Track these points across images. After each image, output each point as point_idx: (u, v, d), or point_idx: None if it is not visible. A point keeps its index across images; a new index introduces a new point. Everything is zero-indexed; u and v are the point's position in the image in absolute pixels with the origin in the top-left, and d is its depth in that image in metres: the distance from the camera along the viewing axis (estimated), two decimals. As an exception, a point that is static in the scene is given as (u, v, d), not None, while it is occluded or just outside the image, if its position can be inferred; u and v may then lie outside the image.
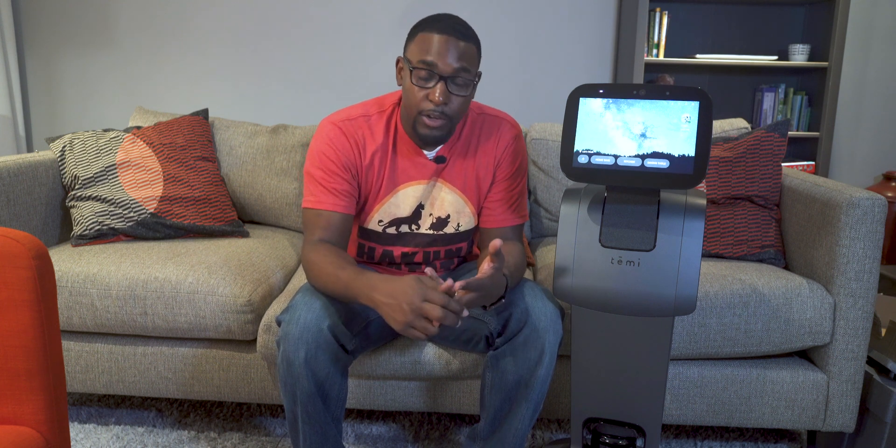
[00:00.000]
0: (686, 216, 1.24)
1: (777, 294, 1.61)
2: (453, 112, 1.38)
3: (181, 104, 3.33)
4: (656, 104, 1.21)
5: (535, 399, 1.38)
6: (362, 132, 1.46)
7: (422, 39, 1.34)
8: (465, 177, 1.51)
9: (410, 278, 1.21)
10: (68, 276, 1.70)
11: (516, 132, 1.53)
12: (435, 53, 1.32)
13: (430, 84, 1.35)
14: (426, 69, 1.33)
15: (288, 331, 1.30)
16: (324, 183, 1.44)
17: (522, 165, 1.54)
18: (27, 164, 1.93)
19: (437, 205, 1.52)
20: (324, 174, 1.44)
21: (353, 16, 3.22)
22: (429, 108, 1.36)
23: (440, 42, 1.32)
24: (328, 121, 1.47)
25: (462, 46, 1.34)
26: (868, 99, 3.30)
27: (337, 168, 1.44)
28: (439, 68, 1.33)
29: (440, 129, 1.39)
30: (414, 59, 1.35)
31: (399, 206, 1.51)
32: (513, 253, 1.45)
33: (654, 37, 3.09)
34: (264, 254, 1.90)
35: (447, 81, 1.34)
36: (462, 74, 1.35)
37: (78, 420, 1.89)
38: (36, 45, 3.28)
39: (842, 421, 1.66)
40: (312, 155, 1.46)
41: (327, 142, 1.45)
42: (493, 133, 1.51)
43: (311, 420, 1.33)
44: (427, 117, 1.37)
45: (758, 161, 1.86)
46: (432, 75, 1.34)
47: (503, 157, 1.51)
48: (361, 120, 1.47)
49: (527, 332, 1.35)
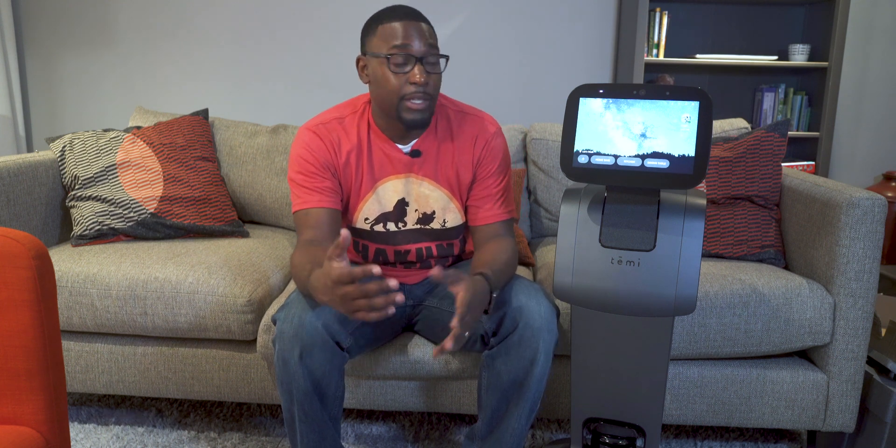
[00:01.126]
0: (686, 216, 1.24)
1: (777, 294, 1.61)
2: (433, 90, 1.42)
3: (181, 104, 3.33)
4: (656, 104, 1.21)
5: (532, 398, 1.38)
6: (336, 134, 1.50)
7: (385, 30, 1.39)
8: (446, 173, 1.53)
9: (318, 271, 1.22)
10: (68, 276, 1.70)
11: (496, 129, 1.55)
12: (404, 38, 1.37)
13: (406, 68, 1.39)
14: (401, 54, 1.37)
15: (283, 329, 1.30)
16: (306, 184, 1.47)
17: (505, 161, 1.56)
18: (27, 164, 1.93)
19: (421, 201, 1.54)
20: (305, 177, 1.48)
21: (353, 16, 3.22)
22: (411, 90, 1.39)
23: (405, 27, 1.38)
24: (304, 127, 1.52)
25: (424, 27, 1.40)
26: (868, 99, 3.30)
27: (316, 169, 1.48)
28: (413, 50, 1.38)
29: (425, 110, 1.42)
30: (383, 49, 1.39)
31: (381, 201, 1.53)
32: (499, 250, 1.45)
33: (654, 37, 3.09)
34: (264, 254, 1.90)
35: (422, 62, 1.39)
36: (433, 52, 1.40)
37: (78, 420, 1.89)
38: (36, 45, 3.28)
39: (842, 421, 1.66)
40: (292, 162, 1.50)
41: (304, 146, 1.49)
42: (472, 131, 1.53)
43: (308, 419, 1.33)
44: (411, 101, 1.40)
45: (758, 161, 1.86)
46: (408, 59, 1.38)
47: (484, 155, 1.53)
48: (335, 122, 1.51)
49: (521, 332, 1.34)
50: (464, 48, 3.25)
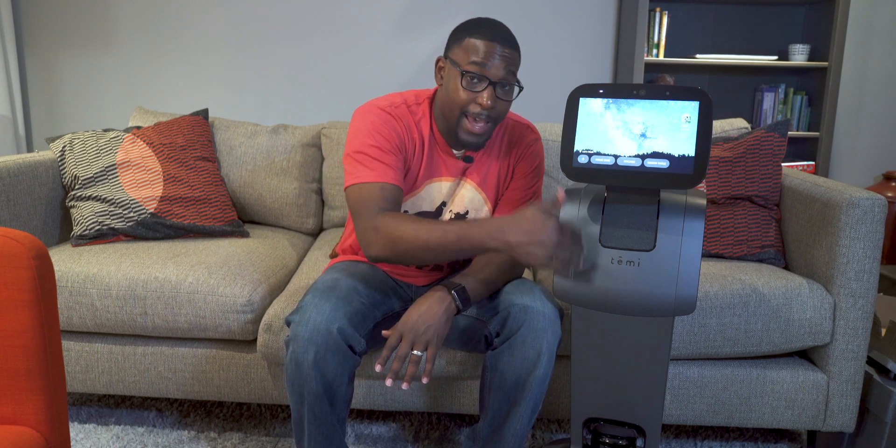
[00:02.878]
0: (686, 216, 1.24)
1: (777, 294, 1.61)
2: (497, 116, 1.41)
3: (181, 104, 3.33)
4: (656, 104, 1.21)
5: (534, 399, 1.38)
6: (409, 119, 1.47)
7: (473, 43, 1.37)
8: (488, 176, 1.54)
9: (534, 211, 1.21)
10: (68, 276, 1.70)
11: (537, 136, 1.57)
12: (486, 58, 1.35)
13: (479, 88, 1.37)
14: (477, 74, 1.36)
15: (298, 332, 1.30)
16: (382, 159, 1.39)
17: (540, 168, 1.57)
18: (27, 164, 1.93)
19: (457, 201, 1.54)
20: (381, 152, 1.40)
21: (353, 16, 3.22)
22: (476, 111, 1.38)
23: (493, 48, 1.36)
24: (373, 105, 1.45)
25: (509, 53, 1.37)
26: (868, 99, 3.30)
27: (392, 147, 1.41)
28: (490, 73, 1.36)
29: (484, 134, 1.42)
30: (463, 62, 1.37)
31: (425, 199, 1.52)
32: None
33: (654, 37, 3.09)
34: (264, 254, 1.90)
35: (496, 86, 1.37)
36: (509, 80, 1.38)
37: (78, 420, 1.89)
38: (36, 45, 3.28)
39: (842, 421, 1.66)
40: (363, 134, 1.40)
41: (382, 122, 1.42)
42: (518, 138, 1.55)
43: (317, 421, 1.33)
44: (472, 119, 1.39)
45: (758, 161, 1.86)
46: (483, 80, 1.36)
47: (524, 156, 1.55)
48: (404, 108, 1.47)
49: (525, 333, 1.35)
50: (464, 48, 3.25)
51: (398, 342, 1.34)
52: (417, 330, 1.33)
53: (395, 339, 1.34)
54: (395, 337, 1.34)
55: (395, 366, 1.32)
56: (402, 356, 1.32)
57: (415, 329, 1.33)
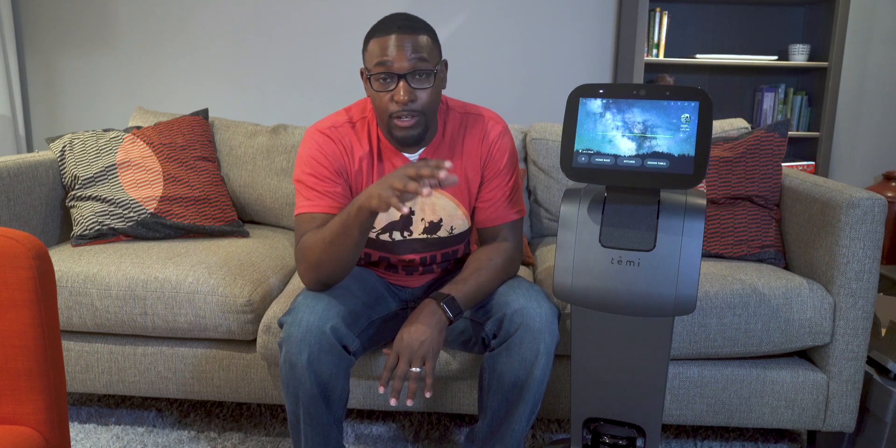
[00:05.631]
0: (686, 216, 1.24)
1: (777, 294, 1.61)
2: (423, 107, 1.36)
3: (181, 104, 3.33)
4: (656, 104, 1.21)
5: (533, 400, 1.38)
6: (349, 139, 1.46)
7: (373, 45, 1.35)
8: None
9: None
10: (68, 276, 1.70)
11: (501, 128, 1.51)
12: (387, 54, 1.32)
13: (391, 86, 1.34)
14: (383, 72, 1.33)
15: (290, 333, 1.30)
16: (317, 187, 1.43)
17: (512, 160, 1.52)
18: (27, 164, 1.93)
19: (427, 209, 1.51)
20: (316, 180, 1.43)
21: (353, 16, 3.22)
22: (396, 109, 1.35)
23: (388, 42, 1.32)
24: (315, 129, 1.47)
25: (412, 40, 1.33)
26: (868, 99, 3.30)
27: (329, 173, 1.44)
28: (395, 67, 1.32)
29: (415, 127, 1.37)
30: (370, 66, 1.35)
31: (389, 211, 1.49)
32: (496, 253, 1.47)
33: (654, 37, 3.09)
34: (264, 254, 1.90)
35: (406, 79, 1.33)
36: (420, 67, 1.33)
37: (78, 420, 1.89)
38: (36, 45, 3.28)
39: (842, 421, 1.66)
40: (302, 162, 1.45)
41: (317, 148, 1.44)
42: (478, 131, 1.49)
43: (313, 422, 1.33)
44: (398, 119, 1.36)
45: (758, 161, 1.86)
46: (391, 76, 1.33)
47: (490, 155, 1.49)
48: (347, 127, 1.47)
49: (522, 334, 1.35)
50: (464, 48, 3.25)
51: (397, 362, 1.34)
52: (412, 347, 1.33)
53: (394, 360, 1.34)
54: (392, 357, 1.34)
55: (397, 385, 1.32)
56: (402, 375, 1.33)
57: (410, 347, 1.33)
